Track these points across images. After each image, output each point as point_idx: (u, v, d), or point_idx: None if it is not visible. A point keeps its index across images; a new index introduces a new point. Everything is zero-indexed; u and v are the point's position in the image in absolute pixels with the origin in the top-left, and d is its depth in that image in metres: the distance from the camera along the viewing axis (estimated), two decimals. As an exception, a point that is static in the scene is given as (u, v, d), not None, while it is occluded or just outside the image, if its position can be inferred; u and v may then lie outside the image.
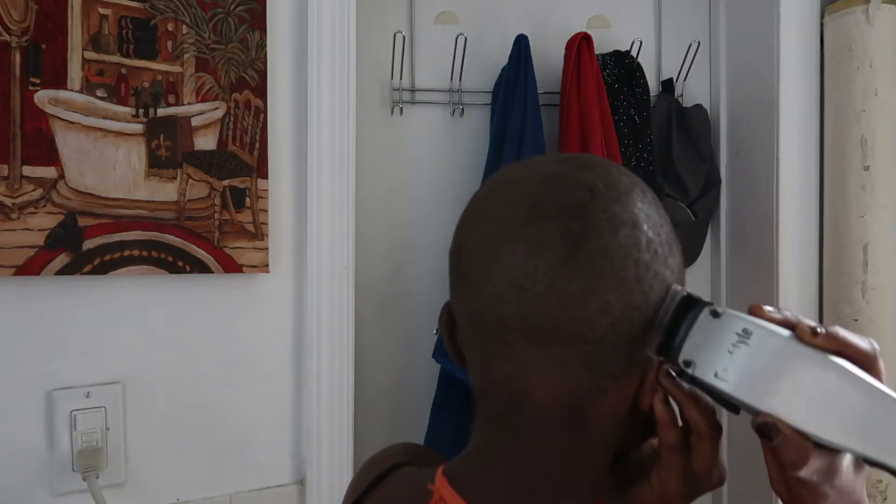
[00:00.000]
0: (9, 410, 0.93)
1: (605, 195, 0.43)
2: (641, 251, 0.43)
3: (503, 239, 0.44)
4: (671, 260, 0.45)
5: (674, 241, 0.46)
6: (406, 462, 0.56)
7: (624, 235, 0.42)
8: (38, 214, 0.91)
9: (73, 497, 0.96)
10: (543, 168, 0.46)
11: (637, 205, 0.44)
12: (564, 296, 0.41)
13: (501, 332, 0.44)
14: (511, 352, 0.44)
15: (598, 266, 0.41)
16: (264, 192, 1.05)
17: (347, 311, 1.12)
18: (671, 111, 1.51)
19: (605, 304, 0.42)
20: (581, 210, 0.43)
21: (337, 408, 1.11)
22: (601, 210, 0.43)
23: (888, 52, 1.30)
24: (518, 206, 0.44)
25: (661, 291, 0.43)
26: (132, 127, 0.97)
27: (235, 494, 1.07)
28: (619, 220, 0.43)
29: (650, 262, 0.43)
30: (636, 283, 0.42)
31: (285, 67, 1.09)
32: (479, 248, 0.45)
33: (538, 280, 0.42)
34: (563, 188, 0.44)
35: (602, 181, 0.44)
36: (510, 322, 0.43)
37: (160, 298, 1.01)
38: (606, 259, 0.42)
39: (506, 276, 0.43)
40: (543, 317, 0.42)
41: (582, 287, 0.41)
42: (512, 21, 1.47)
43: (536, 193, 0.44)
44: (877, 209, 1.30)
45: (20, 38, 0.90)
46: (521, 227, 0.43)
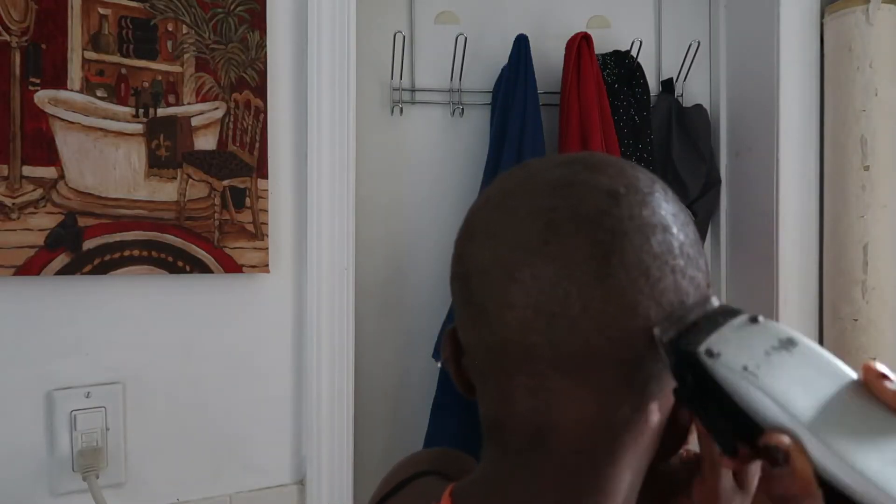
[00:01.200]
0: (9, 410, 0.93)
1: (629, 199, 0.39)
2: (676, 257, 0.39)
3: (521, 261, 0.39)
4: (701, 260, 0.41)
5: (697, 236, 0.42)
6: (431, 471, 0.53)
7: (656, 242, 0.39)
8: (38, 214, 0.91)
9: (73, 497, 0.96)
10: (549, 174, 0.41)
11: (662, 205, 0.40)
12: (602, 318, 0.37)
13: (526, 362, 0.39)
14: (537, 383, 0.40)
15: (634, 281, 0.38)
16: (264, 192, 1.05)
17: (347, 312, 1.12)
18: (671, 111, 1.51)
19: (646, 320, 0.38)
20: (605, 219, 0.38)
21: (337, 408, 1.11)
22: (627, 217, 0.39)
23: (888, 52, 1.30)
24: (530, 222, 0.39)
25: (696, 298, 0.40)
26: (132, 127, 0.97)
27: (235, 494, 1.07)
28: (649, 225, 0.39)
29: (685, 267, 0.39)
30: (675, 293, 0.39)
31: (285, 67, 1.09)
32: (493, 273, 0.40)
33: (571, 304, 0.37)
34: (579, 196, 0.39)
35: (621, 184, 0.40)
36: (538, 351, 0.39)
37: (160, 298, 1.01)
38: (642, 272, 0.38)
39: (531, 303, 0.38)
40: (577, 344, 0.38)
41: (620, 306, 0.37)
42: (512, 21, 1.47)
43: (549, 206, 0.39)
44: (877, 209, 1.30)
45: (20, 38, 0.90)
46: (541, 246, 0.38)
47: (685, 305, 0.39)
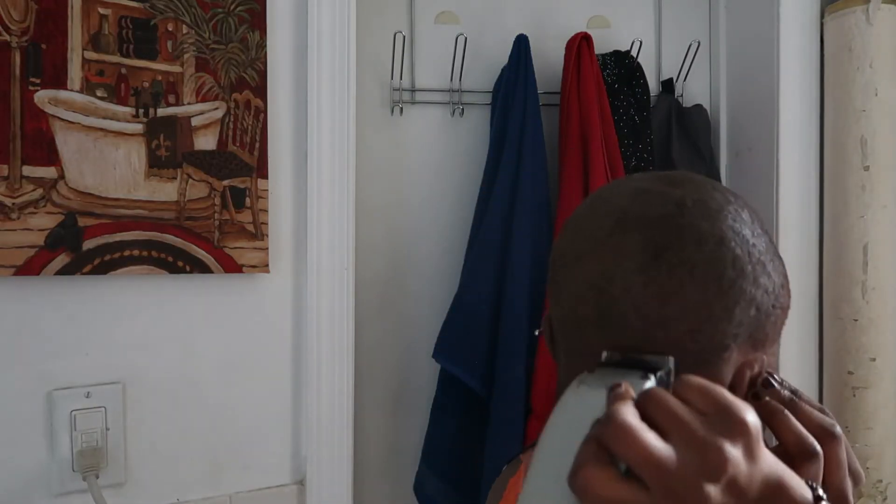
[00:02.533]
0: (9, 410, 0.93)
1: (693, 211, 0.44)
2: (726, 268, 0.43)
3: (589, 248, 0.46)
4: (763, 279, 0.44)
5: (770, 260, 0.46)
6: None
7: (709, 251, 0.43)
8: (38, 214, 0.91)
9: (73, 497, 0.96)
10: (635, 184, 0.48)
11: (727, 222, 0.44)
12: (639, 301, 0.43)
13: (580, 330, 0.46)
14: (587, 351, 0.45)
15: (676, 277, 0.43)
16: (264, 192, 1.05)
17: (347, 311, 1.12)
18: (671, 111, 1.51)
19: (682, 311, 0.42)
20: (665, 223, 0.44)
21: (337, 408, 1.11)
22: (687, 225, 0.44)
23: (888, 52, 1.30)
24: (606, 219, 0.46)
25: (747, 309, 0.43)
26: (132, 127, 0.97)
27: (235, 494, 1.07)
28: (705, 235, 0.43)
29: (735, 279, 0.43)
30: (717, 298, 0.42)
31: (285, 67, 1.09)
32: (568, 257, 0.48)
33: (614, 283, 0.43)
34: (651, 203, 0.45)
35: (692, 197, 0.45)
36: (588, 322, 0.45)
37: (160, 298, 1.01)
38: (686, 272, 0.43)
39: (586, 279, 0.45)
40: (618, 317, 0.43)
41: (657, 294, 0.43)
42: (512, 21, 1.47)
43: (624, 208, 0.46)
44: (877, 209, 1.30)
45: (20, 38, 0.90)
46: (606, 238, 0.45)
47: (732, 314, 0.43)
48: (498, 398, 1.27)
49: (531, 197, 1.31)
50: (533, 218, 1.31)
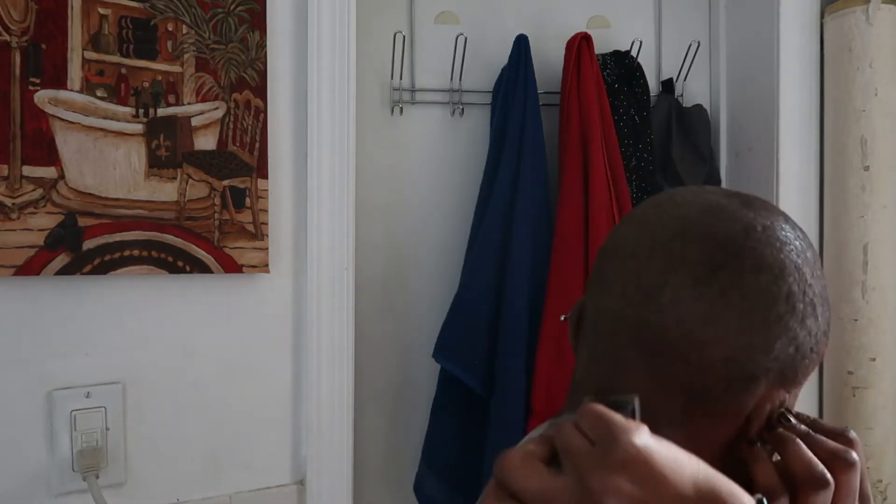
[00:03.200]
0: (9, 410, 0.93)
1: (760, 237, 0.43)
2: (778, 302, 0.42)
3: (646, 247, 0.45)
4: (810, 321, 0.44)
5: (821, 304, 0.45)
6: None
7: (765, 281, 0.42)
8: (38, 214, 0.91)
9: (73, 497, 0.96)
10: (709, 197, 0.47)
11: (791, 256, 0.43)
12: (684, 315, 0.42)
13: (615, 330, 0.45)
14: (616, 352, 0.45)
15: (727, 298, 0.42)
16: (264, 192, 1.05)
17: (347, 312, 1.12)
18: (671, 111, 1.51)
19: (724, 335, 0.41)
20: (729, 244, 0.43)
21: (337, 408, 1.11)
22: (750, 249, 0.43)
23: (888, 52, 1.30)
24: (672, 223, 0.45)
25: (787, 346, 0.42)
26: (132, 127, 0.97)
27: (235, 494, 1.07)
28: (765, 264, 0.42)
29: (784, 314, 0.42)
30: (762, 329, 0.42)
31: (285, 67, 1.09)
32: (622, 251, 0.47)
33: (664, 293, 0.43)
34: (721, 219, 0.44)
35: (762, 223, 0.44)
36: (626, 324, 0.44)
37: (160, 298, 1.01)
38: (738, 295, 0.42)
39: (636, 281, 0.44)
40: (658, 327, 0.43)
41: (704, 312, 0.42)
42: (512, 21, 1.47)
43: (692, 218, 0.45)
44: (877, 209, 1.30)
45: (20, 38, 0.90)
46: (667, 242, 0.44)
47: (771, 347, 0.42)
48: (498, 398, 1.27)
49: (531, 197, 1.31)
50: (533, 218, 1.32)
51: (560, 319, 1.35)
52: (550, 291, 1.30)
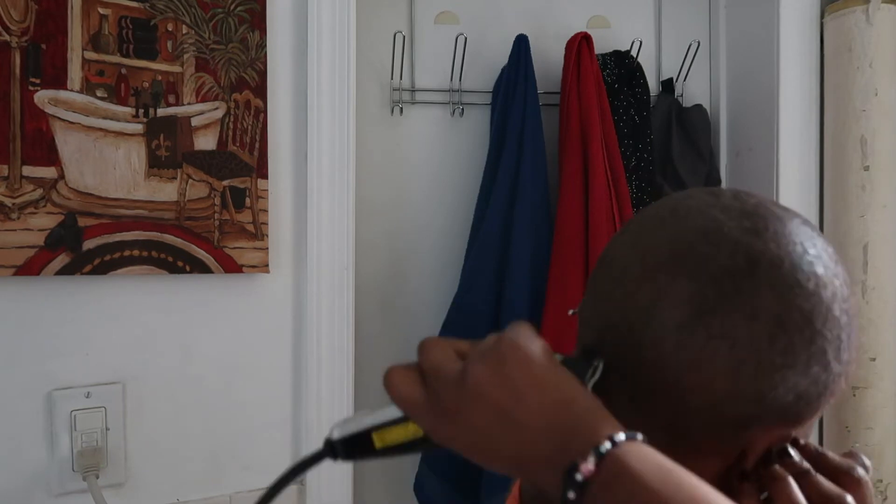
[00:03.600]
0: (9, 410, 0.93)
1: (763, 273, 0.38)
2: (775, 354, 0.38)
3: (635, 273, 0.41)
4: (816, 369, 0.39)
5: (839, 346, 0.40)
6: None
7: (758, 331, 0.38)
8: (38, 214, 0.91)
9: (73, 497, 0.96)
10: (714, 215, 0.41)
11: (795, 301, 0.38)
12: (666, 359, 0.39)
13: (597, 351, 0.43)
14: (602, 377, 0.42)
15: (713, 347, 0.38)
16: (264, 192, 1.05)
17: (347, 311, 1.12)
18: (671, 111, 1.51)
19: (708, 383, 0.38)
20: (725, 282, 0.38)
21: (337, 408, 1.11)
22: (749, 291, 0.38)
23: (888, 52, 1.30)
24: (663, 248, 0.41)
25: (785, 396, 0.39)
26: (132, 127, 0.97)
27: (235, 494, 1.06)
28: (763, 309, 0.38)
29: (782, 366, 0.38)
30: (754, 379, 0.38)
31: (285, 67, 1.09)
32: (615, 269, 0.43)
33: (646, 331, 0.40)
34: (720, 248, 0.39)
35: (769, 255, 0.39)
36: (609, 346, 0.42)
37: (160, 298, 1.01)
38: (726, 345, 0.38)
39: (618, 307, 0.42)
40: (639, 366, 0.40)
41: (686, 359, 0.39)
42: (512, 21, 1.47)
43: (687, 242, 0.40)
44: (877, 209, 1.30)
45: (20, 38, 0.90)
46: (655, 271, 0.40)
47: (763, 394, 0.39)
48: (498, 398, 1.27)
49: (531, 196, 1.31)
50: (533, 217, 1.31)
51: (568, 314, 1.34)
52: (550, 291, 1.30)
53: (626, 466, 0.31)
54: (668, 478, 0.31)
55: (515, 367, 0.36)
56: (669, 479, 0.31)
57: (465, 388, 0.36)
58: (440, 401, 0.37)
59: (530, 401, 0.35)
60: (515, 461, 0.36)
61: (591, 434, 0.33)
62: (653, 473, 0.31)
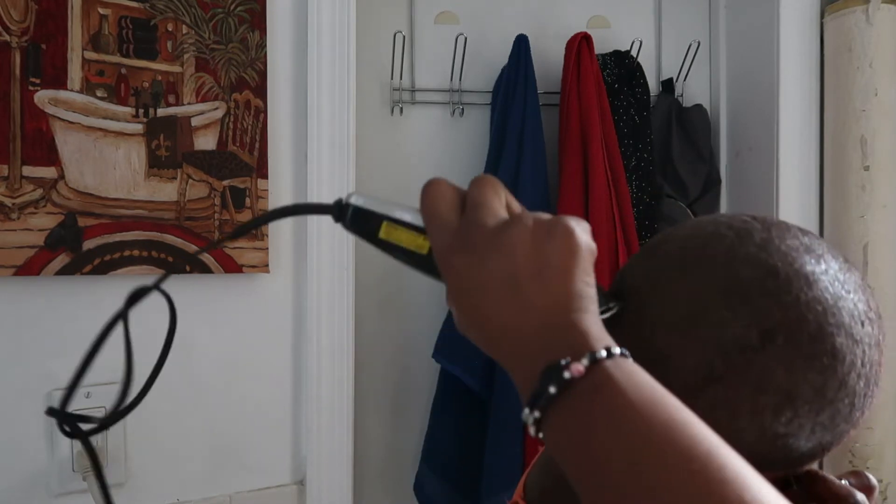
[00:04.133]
0: (9, 410, 0.93)
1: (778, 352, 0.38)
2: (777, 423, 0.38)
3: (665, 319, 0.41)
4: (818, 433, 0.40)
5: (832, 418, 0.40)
6: None
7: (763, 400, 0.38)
8: (38, 214, 0.91)
9: (73, 497, 0.96)
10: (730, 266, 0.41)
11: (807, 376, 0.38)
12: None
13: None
14: None
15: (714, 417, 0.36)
16: (264, 192, 1.05)
17: (347, 311, 1.12)
18: (671, 111, 1.51)
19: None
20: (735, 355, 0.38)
21: (337, 408, 1.11)
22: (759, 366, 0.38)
23: (888, 52, 1.30)
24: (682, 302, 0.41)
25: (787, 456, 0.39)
26: (132, 127, 0.97)
27: (235, 494, 1.06)
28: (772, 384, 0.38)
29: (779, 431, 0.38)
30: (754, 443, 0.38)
31: (285, 67, 1.09)
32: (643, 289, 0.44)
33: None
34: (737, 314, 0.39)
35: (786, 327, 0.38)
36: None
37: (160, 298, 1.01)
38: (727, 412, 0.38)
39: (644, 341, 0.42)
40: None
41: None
42: (512, 21, 1.47)
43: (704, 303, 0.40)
44: (877, 209, 1.30)
45: (20, 38, 0.90)
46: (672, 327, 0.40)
47: None
48: (498, 398, 1.27)
49: (531, 196, 1.31)
50: (533, 218, 1.31)
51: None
52: (550, 291, 1.30)
53: (613, 378, 0.31)
54: (650, 397, 0.31)
55: (556, 248, 0.34)
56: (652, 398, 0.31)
57: (500, 238, 0.35)
58: (467, 234, 0.36)
59: (551, 284, 0.34)
60: (500, 331, 0.35)
61: (590, 340, 0.33)
62: (636, 390, 0.31)
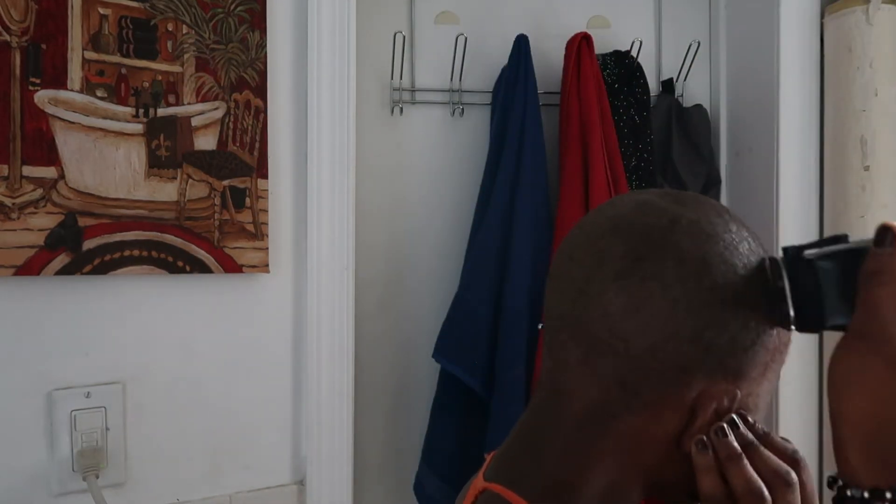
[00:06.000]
0: (9, 410, 0.93)
1: (685, 229, 0.44)
2: (702, 290, 0.43)
3: (581, 249, 0.47)
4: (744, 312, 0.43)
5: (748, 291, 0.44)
6: None
7: (686, 271, 0.43)
8: (38, 214, 0.91)
9: (73, 497, 0.96)
10: (644, 197, 0.48)
11: (716, 248, 0.44)
12: (608, 308, 0.43)
13: (556, 328, 0.47)
14: (558, 348, 0.47)
15: (648, 288, 0.43)
16: (264, 192, 1.05)
17: (347, 311, 1.12)
18: (671, 111, 1.51)
19: (645, 325, 0.43)
20: (652, 235, 0.44)
21: (337, 408, 1.11)
22: (674, 242, 0.44)
23: (888, 52, 1.30)
24: (604, 223, 0.47)
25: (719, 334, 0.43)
26: (132, 127, 0.97)
27: (235, 494, 1.07)
28: (688, 255, 0.43)
29: (710, 302, 0.42)
30: (687, 317, 0.42)
31: (285, 67, 1.09)
32: (563, 253, 0.49)
33: (591, 288, 0.44)
34: (648, 214, 0.46)
35: (689, 216, 0.45)
36: (563, 321, 0.46)
37: (160, 298, 1.01)
38: (659, 285, 0.43)
39: (569, 279, 0.46)
40: (587, 323, 0.45)
41: (625, 303, 0.43)
42: (512, 21, 1.47)
43: (622, 215, 0.46)
44: (877, 209, 1.30)
45: (20, 38, 0.90)
46: (597, 240, 0.46)
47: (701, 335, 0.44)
48: (498, 398, 1.27)
49: (531, 196, 1.31)
50: (533, 217, 1.31)
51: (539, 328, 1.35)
52: (550, 291, 1.30)
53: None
54: None
55: None
56: None
57: None
58: None
59: None
60: None
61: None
62: None
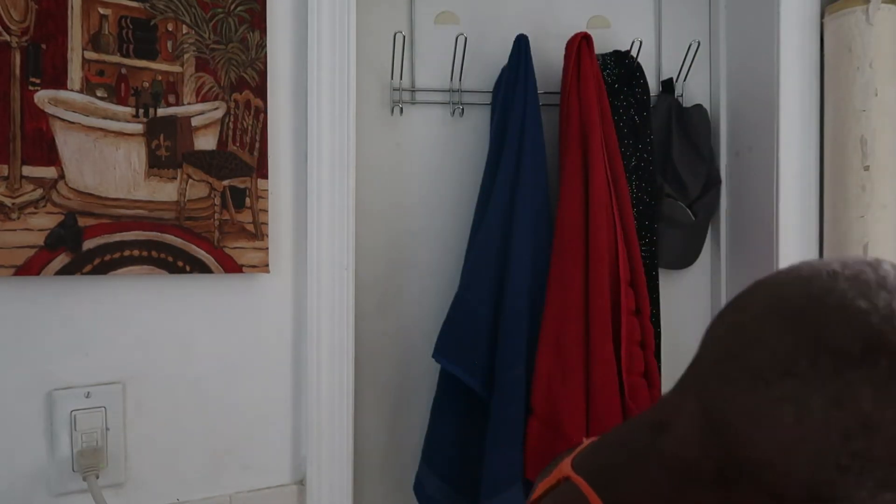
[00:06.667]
0: (9, 410, 0.93)
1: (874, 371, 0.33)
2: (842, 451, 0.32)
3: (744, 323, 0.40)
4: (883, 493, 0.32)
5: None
6: None
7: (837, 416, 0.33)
8: (38, 214, 0.91)
9: (73, 497, 0.96)
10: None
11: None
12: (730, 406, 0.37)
13: None
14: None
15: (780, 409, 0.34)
16: (264, 192, 1.05)
17: (347, 311, 1.12)
18: (671, 111, 1.51)
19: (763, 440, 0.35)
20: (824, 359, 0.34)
21: (337, 408, 1.11)
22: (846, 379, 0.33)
23: (888, 52, 1.30)
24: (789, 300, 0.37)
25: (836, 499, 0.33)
26: (132, 127, 0.97)
27: (235, 494, 1.07)
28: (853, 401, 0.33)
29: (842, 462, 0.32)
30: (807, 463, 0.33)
31: (285, 67, 1.09)
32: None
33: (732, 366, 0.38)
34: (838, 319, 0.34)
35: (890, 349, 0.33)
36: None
37: (160, 298, 1.01)
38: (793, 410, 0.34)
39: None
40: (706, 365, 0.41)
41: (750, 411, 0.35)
42: (512, 21, 1.47)
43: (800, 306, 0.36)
44: (877, 209, 1.30)
45: (20, 38, 0.90)
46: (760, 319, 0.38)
47: None
48: (498, 398, 1.27)
49: (531, 197, 1.31)
50: (533, 218, 1.31)
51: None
52: (550, 291, 1.30)
53: None
54: None
55: None
56: None
57: None
58: None
59: None
60: None
61: None
62: None
